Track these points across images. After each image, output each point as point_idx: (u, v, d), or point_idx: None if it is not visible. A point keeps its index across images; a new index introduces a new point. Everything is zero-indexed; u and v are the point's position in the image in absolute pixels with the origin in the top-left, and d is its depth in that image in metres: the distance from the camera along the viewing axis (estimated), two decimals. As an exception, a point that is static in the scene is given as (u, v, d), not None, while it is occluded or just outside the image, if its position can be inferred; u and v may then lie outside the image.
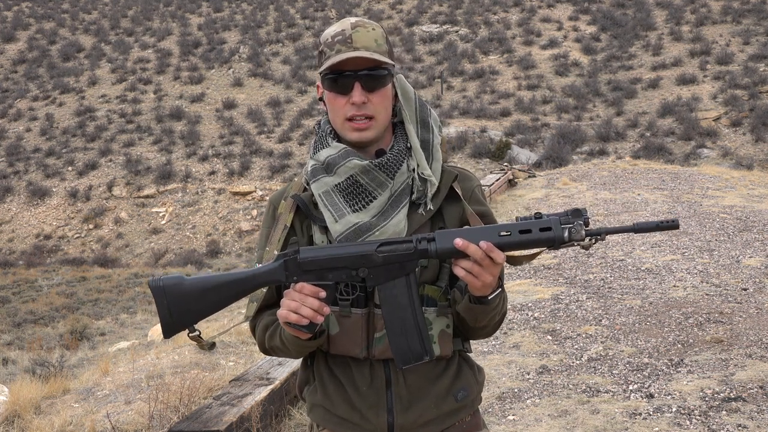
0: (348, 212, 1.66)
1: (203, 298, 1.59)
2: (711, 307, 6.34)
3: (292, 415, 4.48)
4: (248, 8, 48.39)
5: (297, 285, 1.56)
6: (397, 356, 1.60)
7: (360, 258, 1.56)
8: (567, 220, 1.50)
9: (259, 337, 1.77)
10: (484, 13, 44.14)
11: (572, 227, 1.49)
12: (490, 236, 1.52)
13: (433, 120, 1.77)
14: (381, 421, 1.68)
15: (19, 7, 51.49)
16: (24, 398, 5.59)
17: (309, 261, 1.56)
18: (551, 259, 8.75)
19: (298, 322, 1.54)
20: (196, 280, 1.60)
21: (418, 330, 1.59)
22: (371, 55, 1.63)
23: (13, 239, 29.86)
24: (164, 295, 1.58)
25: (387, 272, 1.57)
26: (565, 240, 1.49)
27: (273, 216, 1.77)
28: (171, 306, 1.58)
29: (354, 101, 1.65)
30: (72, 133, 36.25)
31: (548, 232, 1.49)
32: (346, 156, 1.68)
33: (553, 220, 1.50)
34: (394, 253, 1.55)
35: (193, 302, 1.59)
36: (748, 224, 10.20)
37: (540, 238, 1.50)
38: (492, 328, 1.73)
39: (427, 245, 1.54)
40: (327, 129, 1.76)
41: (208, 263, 24.40)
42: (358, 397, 1.70)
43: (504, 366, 5.38)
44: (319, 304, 1.54)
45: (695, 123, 29.66)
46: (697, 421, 4.16)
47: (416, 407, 1.69)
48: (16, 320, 15.72)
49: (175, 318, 1.59)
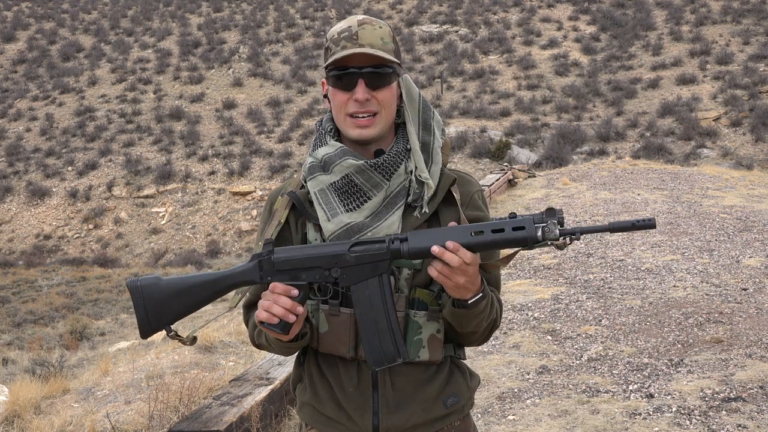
0: (341, 211, 1.66)
1: (178, 298, 1.60)
2: (711, 307, 6.34)
3: (292, 415, 4.47)
4: (248, 8, 48.38)
5: (270, 285, 1.56)
6: (369, 357, 1.59)
7: (332, 258, 1.56)
8: (541, 219, 1.49)
9: (250, 333, 1.78)
10: (484, 13, 44.14)
11: (546, 227, 1.48)
12: (462, 236, 1.51)
13: (435, 123, 1.75)
14: (366, 423, 1.67)
15: (19, 7, 51.48)
16: (24, 398, 5.59)
17: (282, 261, 1.57)
18: (551, 259, 8.75)
19: (268, 321, 1.55)
20: (172, 280, 1.61)
21: (391, 331, 1.58)
22: (376, 52, 1.62)
23: (13, 239, 29.86)
24: (141, 296, 1.59)
25: (360, 272, 1.56)
26: (539, 239, 1.48)
27: (270, 211, 1.77)
28: (147, 306, 1.59)
29: (357, 98, 1.64)
30: (72, 133, 36.25)
31: (521, 232, 1.49)
32: (342, 155, 1.67)
33: (527, 220, 1.50)
34: (366, 253, 1.55)
35: (169, 303, 1.59)
36: (748, 224, 10.20)
37: (513, 237, 1.50)
38: (481, 335, 1.70)
39: (400, 245, 1.53)
40: (327, 127, 1.76)
41: (207, 263, 24.39)
42: (345, 397, 1.69)
43: (504, 366, 5.37)
44: (291, 303, 1.54)
45: (695, 123, 29.66)
46: (697, 421, 4.16)
47: (403, 411, 1.68)
48: (16, 320, 15.72)
49: (151, 318, 1.60)
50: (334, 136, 1.74)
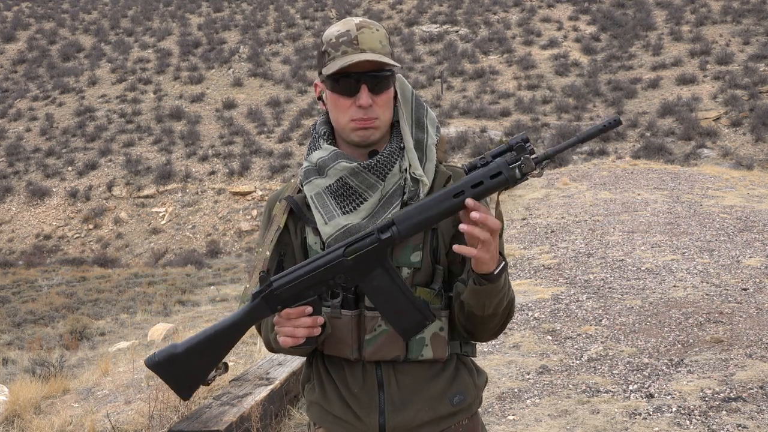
0: (338, 214, 1.66)
1: (201, 357, 1.61)
2: (711, 307, 6.34)
3: (292, 415, 4.48)
4: (248, 8, 48.38)
5: (282, 313, 1.56)
6: (403, 333, 1.60)
7: (331, 268, 1.56)
8: (514, 158, 1.49)
9: (265, 337, 1.77)
10: (484, 13, 44.14)
11: (521, 164, 1.48)
12: (444, 199, 1.50)
13: (429, 120, 1.76)
14: (373, 422, 1.68)
15: (19, 7, 51.48)
16: (24, 398, 5.59)
17: (285, 289, 1.57)
18: (551, 259, 8.76)
19: (296, 344, 1.57)
20: (187, 343, 1.61)
21: (411, 303, 1.59)
22: (380, 58, 1.62)
23: (13, 239, 29.86)
24: (163, 369, 1.60)
25: (362, 270, 1.57)
26: (518, 177, 1.48)
27: (269, 217, 1.78)
28: (175, 376, 1.61)
29: (361, 104, 1.64)
30: (72, 133, 36.25)
31: (499, 177, 1.49)
32: (335, 158, 1.68)
33: (501, 164, 1.49)
34: (361, 250, 1.55)
35: (193, 364, 1.61)
36: (748, 224, 10.20)
37: (494, 184, 1.49)
38: (500, 318, 1.66)
39: (390, 231, 1.53)
40: (321, 130, 1.76)
41: (207, 263, 24.39)
42: (352, 397, 1.70)
43: (504, 366, 5.37)
44: (310, 320, 1.55)
45: (695, 123, 29.66)
46: (697, 421, 4.15)
47: (409, 409, 1.68)
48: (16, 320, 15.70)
49: (183, 383, 1.62)
50: (327, 140, 1.74)
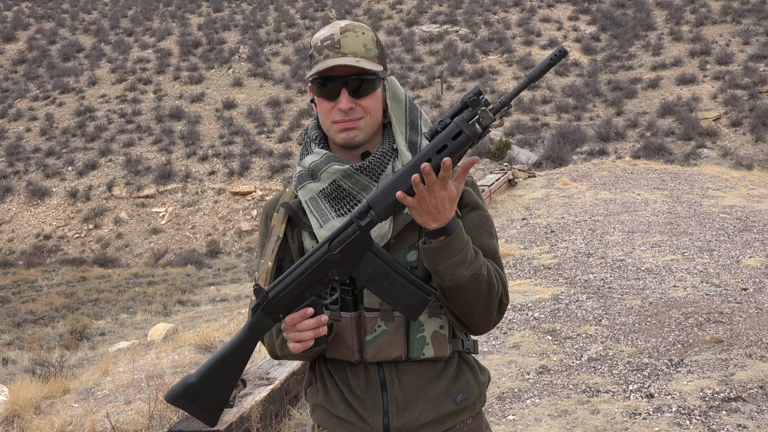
0: (333, 217, 1.67)
1: (217, 379, 1.64)
2: (711, 307, 6.34)
3: (291, 415, 4.48)
4: (248, 8, 48.39)
5: (286, 320, 1.57)
6: (408, 313, 1.61)
7: (321, 265, 1.57)
8: (471, 114, 1.49)
9: (269, 344, 1.76)
10: (484, 13, 44.14)
11: (479, 117, 1.49)
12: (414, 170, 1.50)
13: (423, 122, 1.76)
14: (377, 423, 1.68)
15: (19, 7, 51.48)
16: (24, 398, 5.59)
17: (280, 297, 1.59)
18: (551, 260, 8.76)
19: (306, 348, 1.58)
20: (200, 371, 1.64)
21: (409, 281, 1.59)
22: (357, 62, 1.63)
23: (13, 239, 29.85)
24: (184, 401, 1.63)
25: (352, 260, 1.58)
26: (480, 132, 1.49)
27: (267, 225, 1.79)
28: (198, 404, 1.64)
29: (341, 107, 1.65)
30: (72, 133, 36.25)
31: (462, 136, 1.49)
32: (328, 161, 1.69)
33: (459, 122, 1.49)
34: (346, 241, 1.56)
35: (211, 389, 1.64)
36: (748, 224, 10.20)
37: (458, 144, 1.49)
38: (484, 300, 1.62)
39: (369, 216, 1.54)
40: (312, 135, 1.78)
41: (207, 263, 24.40)
42: (355, 399, 1.70)
43: (504, 366, 5.37)
44: (314, 321, 1.56)
45: (695, 123, 29.66)
46: (697, 421, 4.15)
47: (412, 409, 1.68)
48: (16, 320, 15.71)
49: (208, 410, 1.65)
50: (319, 144, 1.75)
